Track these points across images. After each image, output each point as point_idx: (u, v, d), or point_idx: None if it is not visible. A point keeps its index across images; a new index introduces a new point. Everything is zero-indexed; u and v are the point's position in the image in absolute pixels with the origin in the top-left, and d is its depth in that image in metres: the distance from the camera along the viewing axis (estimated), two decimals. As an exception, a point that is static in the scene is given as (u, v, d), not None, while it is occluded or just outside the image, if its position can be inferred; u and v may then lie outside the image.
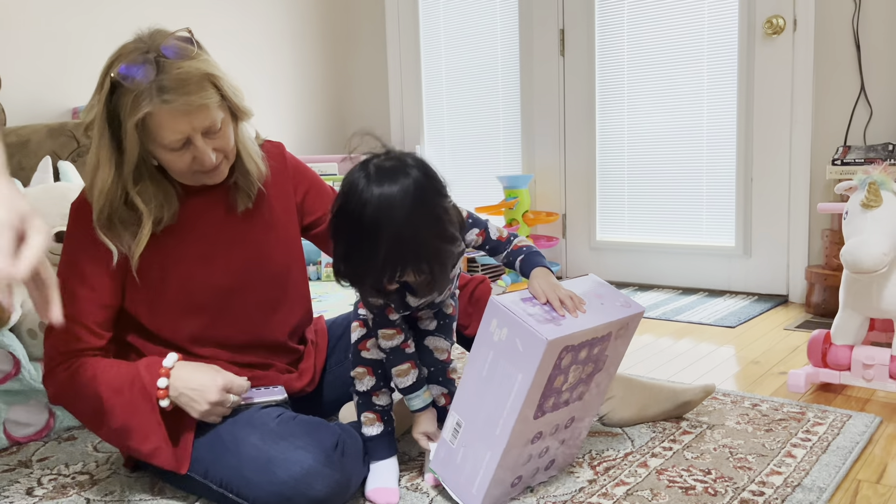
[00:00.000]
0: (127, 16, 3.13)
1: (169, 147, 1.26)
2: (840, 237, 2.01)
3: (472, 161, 3.90)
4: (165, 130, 1.24)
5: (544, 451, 1.38)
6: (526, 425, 1.27)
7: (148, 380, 1.30)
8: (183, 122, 1.23)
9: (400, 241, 1.17)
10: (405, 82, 4.06)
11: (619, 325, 1.33)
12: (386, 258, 1.18)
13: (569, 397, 1.33)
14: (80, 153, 2.32)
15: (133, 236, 1.32)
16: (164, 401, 1.29)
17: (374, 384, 1.40)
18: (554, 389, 1.27)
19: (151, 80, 1.20)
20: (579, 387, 1.34)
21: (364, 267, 1.21)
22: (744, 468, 1.46)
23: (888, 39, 2.76)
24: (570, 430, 1.42)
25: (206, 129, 1.27)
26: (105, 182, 1.28)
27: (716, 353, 2.35)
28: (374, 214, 1.17)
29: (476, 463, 1.29)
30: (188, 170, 1.32)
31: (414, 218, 1.18)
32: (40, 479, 1.51)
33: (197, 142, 1.27)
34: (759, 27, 2.99)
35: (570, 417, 1.39)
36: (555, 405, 1.31)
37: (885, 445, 1.59)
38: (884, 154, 2.64)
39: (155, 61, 1.21)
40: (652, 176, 3.35)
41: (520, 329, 1.20)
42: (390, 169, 1.22)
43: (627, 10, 3.33)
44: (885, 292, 1.78)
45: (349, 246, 1.22)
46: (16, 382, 1.67)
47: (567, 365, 1.26)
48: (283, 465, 1.24)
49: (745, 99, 3.06)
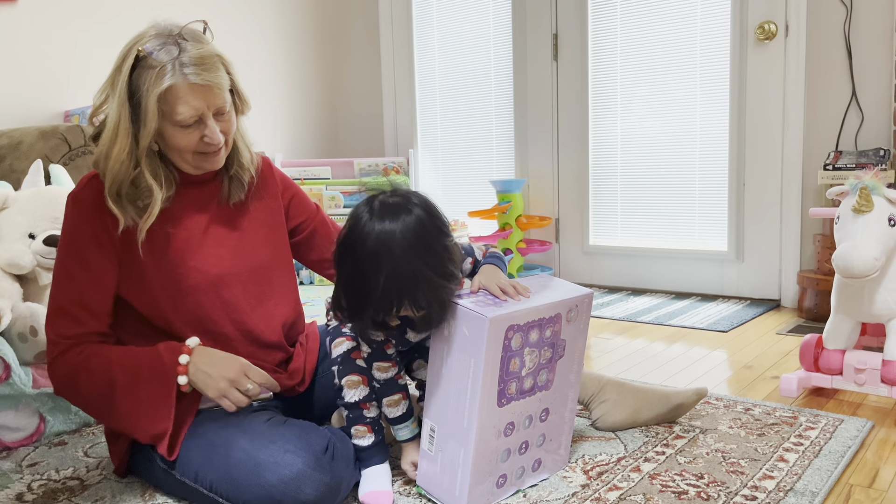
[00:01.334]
0: (119, 19, 3.12)
1: (182, 123, 1.32)
2: (832, 242, 2.01)
3: (465, 165, 3.90)
4: (182, 105, 1.30)
5: (524, 448, 1.39)
6: (492, 414, 1.29)
7: (168, 358, 1.32)
8: (199, 98, 1.31)
9: (398, 275, 1.22)
10: (398, 86, 4.06)
11: (566, 306, 1.37)
12: (384, 291, 1.23)
13: (532, 384, 1.36)
14: (71, 156, 2.31)
15: (137, 211, 1.35)
16: (183, 377, 1.31)
17: (367, 395, 1.40)
18: (512, 374, 1.30)
19: (174, 57, 1.29)
20: (542, 373, 1.37)
21: (364, 300, 1.26)
22: (736, 472, 1.47)
23: (879, 45, 2.77)
24: (547, 424, 1.42)
25: (218, 109, 1.35)
26: (122, 152, 1.32)
27: (708, 357, 2.36)
28: (375, 247, 1.23)
29: (454, 463, 1.31)
30: (194, 149, 1.36)
31: (413, 254, 1.23)
32: (30, 485, 1.50)
33: (208, 121, 1.34)
34: (751, 33, 3.01)
35: (544, 409, 1.40)
36: (519, 391, 1.33)
37: (877, 450, 1.59)
38: (875, 159, 2.65)
39: (176, 42, 1.30)
40: (645, 181, 3.36)
41: (464, 316, 1.27)
42: (394, 205, 1.27)
43: (620, 15, 3.34)
44: (877, 297, 1.79)
45: (350, 278, 1.28)
46: (6, 387, 1.66)
47: (519, 347, 1.30)
48: (272, 468, 1.24)
49: (738, 104, 3.07)
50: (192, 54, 1.30)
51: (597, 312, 2.99)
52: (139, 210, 1.35)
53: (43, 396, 1.73)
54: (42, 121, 2.87)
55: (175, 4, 3.27)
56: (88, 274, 1.37)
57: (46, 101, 2.93)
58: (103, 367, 1.33)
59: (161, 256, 1.40)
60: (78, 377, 1.35)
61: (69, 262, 1.37)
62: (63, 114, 2.94)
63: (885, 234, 1.73)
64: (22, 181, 2.07)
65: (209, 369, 1.32)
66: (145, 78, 1.29)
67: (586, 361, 2.32)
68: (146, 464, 1.42)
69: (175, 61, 1.28)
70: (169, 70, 1.28)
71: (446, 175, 3.97)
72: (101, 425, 1.80)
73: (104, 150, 1.34)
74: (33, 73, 2.89)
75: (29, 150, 2.27)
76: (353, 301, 1.29)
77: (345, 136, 4.27)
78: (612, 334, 2.67)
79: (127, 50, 1.32)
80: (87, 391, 1.35)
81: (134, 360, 1.34)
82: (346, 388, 1.40)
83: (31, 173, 2.05)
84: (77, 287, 1.36)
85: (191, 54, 1.30)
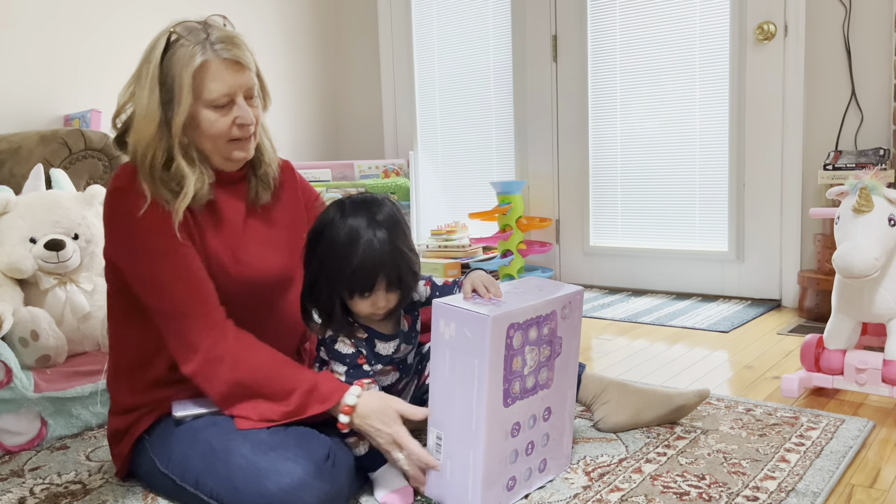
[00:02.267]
0: (120, 23, 3.12)
1: (214, 102, 1.35)
2: (832, 242, 2.01)
3: (465, 167, 3.90)
4: (215, 82, 1.34)
5: (530, 448, 1.39)
6: (499, 415, 1.29)
7: (327, 388, 1.34)
8: (230, 75, 1.35)
9: (376, 248, 1.31)
10: (398, 89, 4.06)
11: (561, 302, 1.39)
12: (360, 264, 1.30)
13: (535, 382, 1.36)
14: (71, 160, 2.32)
15: (172, 194, 1.35)
16: (345, 417, 1.33)
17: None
18: (515, 373, 1.31)
19: (204, 38, 1.35)
20: (542, 371, 1.38)
21: (339, 279, 1.33)
22: (738, 473, 1.47)
23: (878, 44, 2.77)
24: (550, 423, 1.43)
25: (247, 90, 1.39)
26: (153, 138, 1.34)
27: (709, 357, 2.36)
28: (353, 224, 1.32)
29: (464, 468, 1.30)
30: (227, 134, 1.38)
31: (390, 229, 1.33)
32: (32, 489, 1.50)
33: (238, 100, 1.38)
34: (750, 33, 3.01)
35: (546, 408, 1.41)
36: (522, 391, 1.33)
37: (879, 450, 1.59)
38: (875, 159, 2.65)
39: (203, 28, 1.37)
40: (645, 181, 3.36)
41: (464, 317, 1.27)
42: (364, 198, 1.39)
43: (619, 17, 3.34)
44: (877, 296, 1.79)
45: (323, 262, 1.34)
46: (7, 391, 1.66)
47: (520, 345, 1.31)
48: (273, 476, 1.24)
49: (737, 104, 3.07)
50: (220, 34, 1.36)
51: (597, 313, 2.99)
52: (174, 193, 1.36)
53: (44, 401, 1.73)
54: (42, 125, 2.87)
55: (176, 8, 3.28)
56: (182, 260, 1.35)
57: (46, 105, 2.93)
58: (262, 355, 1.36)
59: (207, 245, 1.40)
60: (247, 357, 1.35)
61: (158, 260, 1.34)
62: (63, 118, 2.94)
63: (885, 234, 1.73)
64: (22, 186, 2.07)
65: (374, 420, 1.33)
66: (178, 57, 1.33)
67: (588, 363, 2.32)
68: (147, 468, 1.42)
69: (205, 41, 1.34)
70: (199, 49, 1.33)
71: (446, 177, 3.97)
72: (102, 429, 1.80)
73: (135, 138, 1.36)
74: (33, 78, 2.89)
75: (29, 155, 2.27)
76: (328, 282, 1.34)
77: (345, 138, 4.27)
78: (612, 335, 2.67)
79: (155, 41, 1.36)
80: (246, 373, 1.34)
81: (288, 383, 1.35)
82: None
83: (31, 178, 2.05)
84: (190, 277, 1.35)
85: (218, 34, 1.36)
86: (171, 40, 1.34)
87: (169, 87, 1.34)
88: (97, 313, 1.92)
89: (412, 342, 1.48)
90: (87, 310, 1.90)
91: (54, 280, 1.87)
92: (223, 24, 1.42)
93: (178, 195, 1.35)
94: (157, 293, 1.35)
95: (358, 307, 1.37)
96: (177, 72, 1.33)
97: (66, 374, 1.78)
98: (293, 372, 1.36)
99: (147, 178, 1.35)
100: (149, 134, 1.34)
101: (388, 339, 1.43)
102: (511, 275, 3.40)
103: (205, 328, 1.34)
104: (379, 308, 1.37)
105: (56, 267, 1.85)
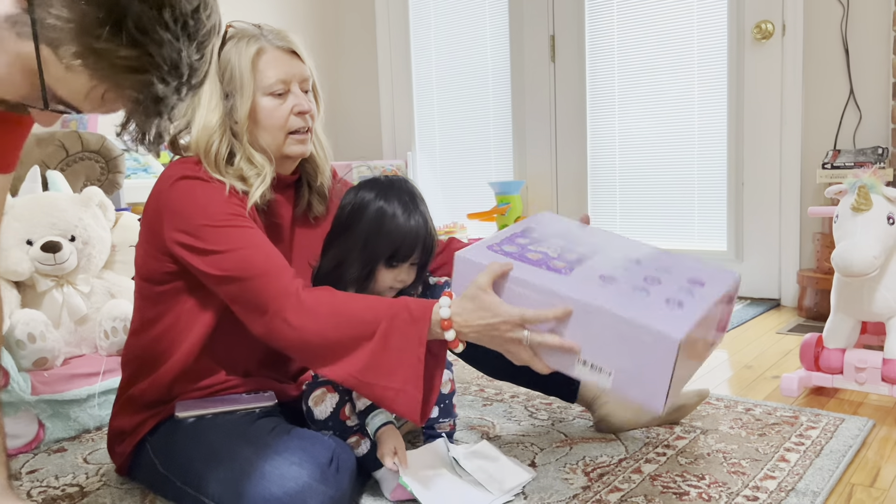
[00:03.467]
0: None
1: (270, 89, 1.37)
2: (831, 240, 2.01)
3: (463, 167, 3.90)
4: (271, 69, 1.37)
5: (649, 281, 1.21)
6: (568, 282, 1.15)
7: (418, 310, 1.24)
8: (286, 63, 1.39)
9: (420, 220, 1.40)
10: (396, 89, 4.06)
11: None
12: (408, 231, 1.38)
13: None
14: (68, 162, 2.31)
15: (242, 181, 1.35)
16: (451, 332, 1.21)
17: (339, 400, 1.40)
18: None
19: (258, 32, 1.39)
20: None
21: (382, 243, 1.38)
22: (738, 473, 1.46)
23: (876, 43, 2.77)
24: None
25: (303, 81, 1.41)
26: (214, 123, 1.35)
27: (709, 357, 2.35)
28: (399, 200, 1.41)
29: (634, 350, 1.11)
30: (285, 124, 1.39)
31: (424, 209, 1.43)
32: (30, 492, 1.49)
33: (294, 89, 1.40)
34: (748, 32, 3.01)
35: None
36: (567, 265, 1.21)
37: (879, 449, 1.59)
38: (873, 157, 2.65)
39: (254, 26, 1.41)
40: (643, 181, 3.36)
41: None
42: (392, 180, 1.47)
43: (617, 16, 3.34)
44: (876, 295, 1.78)
45: (367, 232, 1.39)
46: (4, 394, 1.65)
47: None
48: (277, 480, 1.23)
49: (736, 104, 3.07)
50: (273, 29, 1.41)
51: (597, 313, 2.99)
52: (242, 181, 1.36)
53: (42, 403, 1.72)
54: (38, 127, 2.86)
55: (172, 9, 3.28)
56: (258, 233, 1.33)
57: (44, 107, 2.92)
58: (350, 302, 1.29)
59: None
60: (329, 310, 1.27)
61: (238, 232, 1.31)
62: (60, 120, 2.93)
63: (884, 233, 1.73)
64: (19, 188, 2.06)
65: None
66: (236, 49, 1.37)
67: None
68: (148, 469, 1.41)
69: (260, 34, 1.39)
70: (255, 39, 1.37)
71: (445, 177, 3.97)
72: (100, 431, 1.80)
73: (199, 133, 1.36)
74: (30, 80, 2.88)
75: (26, 157, 2.26)
76: (368, 250, 1.39)
77: (342, 139, 4.27)
78: (612, 335, 2.66)
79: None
80: (333, 333, 1.25)
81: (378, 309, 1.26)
82: (314, 408, 1.40)
83: (28, 180, 2.04)
84: (267, 253, 1.31)
85: (271, 29, 1.41)
86: (225, 38, 1.37)
87: (228, 80, 1.37)
88: (94, 315, 1.91)
89: None
90: (85, 312, 1.89)
91: (51, 282, 1.87)
92: (269, 26, 1.44)
93: (247, 183, 1.36)
94: (238, 260, 1.29)
95: (382, 278, 1.41)
96: (235, 63, 1.36)
97: (63, 377, 1.77)
98: (371, 304, 1.28)
99: (213, 168, 1.35)
100: (212, 125, 1.35)
101: None
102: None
103: (281, 288, 1.27)
104: (398, 282, 1.42)
105: (53, 269, 1.85)
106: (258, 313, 1.28)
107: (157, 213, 1.36)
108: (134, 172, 2.81)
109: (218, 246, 1.30)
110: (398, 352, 1.22)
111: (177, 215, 1.33)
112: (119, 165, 2.43)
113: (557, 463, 1.53)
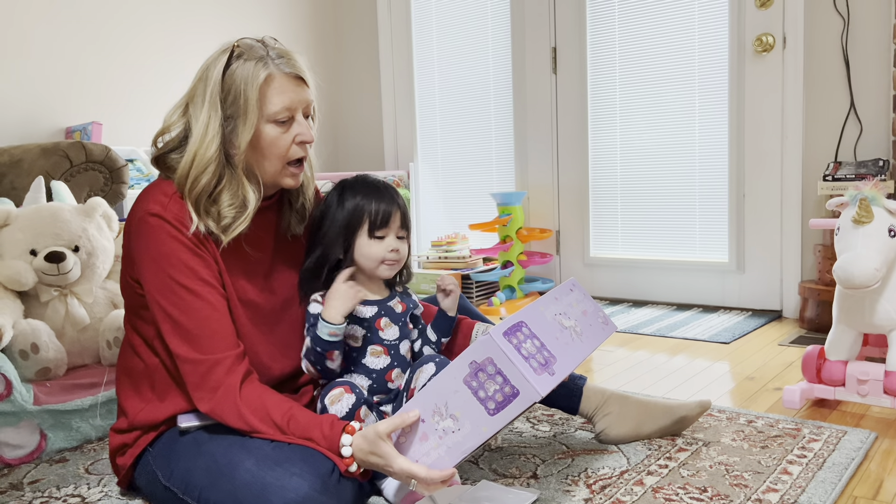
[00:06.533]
0: (121, 35, 3.13)
1: (275, 117, 1.36)
2: (832, 252, 2.01)
3: (465, 178, 3.91)
4: (278, 96, 1.35)
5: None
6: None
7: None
8: (292, 90, 1.37)
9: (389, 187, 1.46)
10: (398, 100, 4.08)
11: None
12: (380, 197, 1.43)
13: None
14: (72, 173, 2.32)
15: (215, 222, 1.35)
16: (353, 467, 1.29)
17: (355, 402, 1.40)
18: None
19: (265, 53, 1.36)
20: None
21: (357, 217, 1.43)
22: (740, 485, 1.46)
23: (877, 55, 2.78)
24: None
25: (307, 107, 1.40)
26: (210, 156, 1.33)
27: (710, 369, 2.35)
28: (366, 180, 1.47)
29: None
30: (287, 153, 1.39)
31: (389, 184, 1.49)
32: (31, 502, 1.50)
33: (298, 117, 1.39)
34: (748, 45, 3.02)
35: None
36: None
37: (881, 461, 1.59)
38: (874, 169, 2.66)
39: (261, 43, 1.38)
40: (645, 192, 3.36)
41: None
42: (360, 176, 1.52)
43: (619, 29, 3.35)
44: (878, 307, 1.78)
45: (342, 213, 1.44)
46: (7, 404, 1.65)
47: None
48: (278, 492, 1.22)
49: (737, 116, 3.08)
50: (279, 50, 1.38)
51: (598, 324, 2.98)
52: (216, 221, 1.35)
53: (44, 413, 1.72)
54: (43, 137, 2.88)
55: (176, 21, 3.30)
56: (203, 301, 1.32)
57: (47, 117, 2.94)
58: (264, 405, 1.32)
59: (240, 273, 1.41)
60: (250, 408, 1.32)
61: (188, 305, 1.31)
62: (64, 130, 2.95)
63: (885, 245, 1.73)
64: (23, 198, 2.07)
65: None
66: (241, 73, 1.33)
67: (589, 374, 2.31)
68: (149, 481, 1.41)
69: (266, 57, 1.35)
70: (264, 62, 1.34)
71: (447, 188, 3.98)
72: (102, 442, 1.80)
73: (191, 161, 1.34)
74: (34, 90, 2.90)
75: (30, 167, 2.28)
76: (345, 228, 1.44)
77: (345, 150, 4.28)
78: (613, 346, 2.66)
79: (213, 60, 1.36)
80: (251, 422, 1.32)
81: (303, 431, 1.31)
82: (329, 406, 1.39)
83: (32, 190, 2.05)
84: (207, 311, 1.32)
85: (278, 50, 1.37)
86: (232, 56, 1.35)
87: (232, 102, 1.34)
88: (97, 326, 1.92)
89: (399, 324, 1.49)
90: (88, 322, 1.90)
91: (55, 292, 1.87)
92: (275, 43, 1.41)
93: (220, 223, 1.35)
94: (185, 341, 1.32)
95: (370, 251, 1.44)
96: (241, 88, 1.33)
97: (65, 387, 1.78)
98: (303, 421, 1.32)
99: (193, 203, 1.34)
100: (207, 157, 1.33)
101: (368, 303, 1.46)
102: (511, 286, 3.40)
103: (223, 373, 1.32)
104: (392, 252, 1.44)
105: (56, 279, 1.85)
106: (209, 392, 1.32)
107: (126, 244, 1.40)
108: (137, 183, 2.82)
109: (167, 307, 1.32)
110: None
111: (134, 263, 1.37)
112: (123, 176, 2.44)
113: (559, 475, 1.53)
